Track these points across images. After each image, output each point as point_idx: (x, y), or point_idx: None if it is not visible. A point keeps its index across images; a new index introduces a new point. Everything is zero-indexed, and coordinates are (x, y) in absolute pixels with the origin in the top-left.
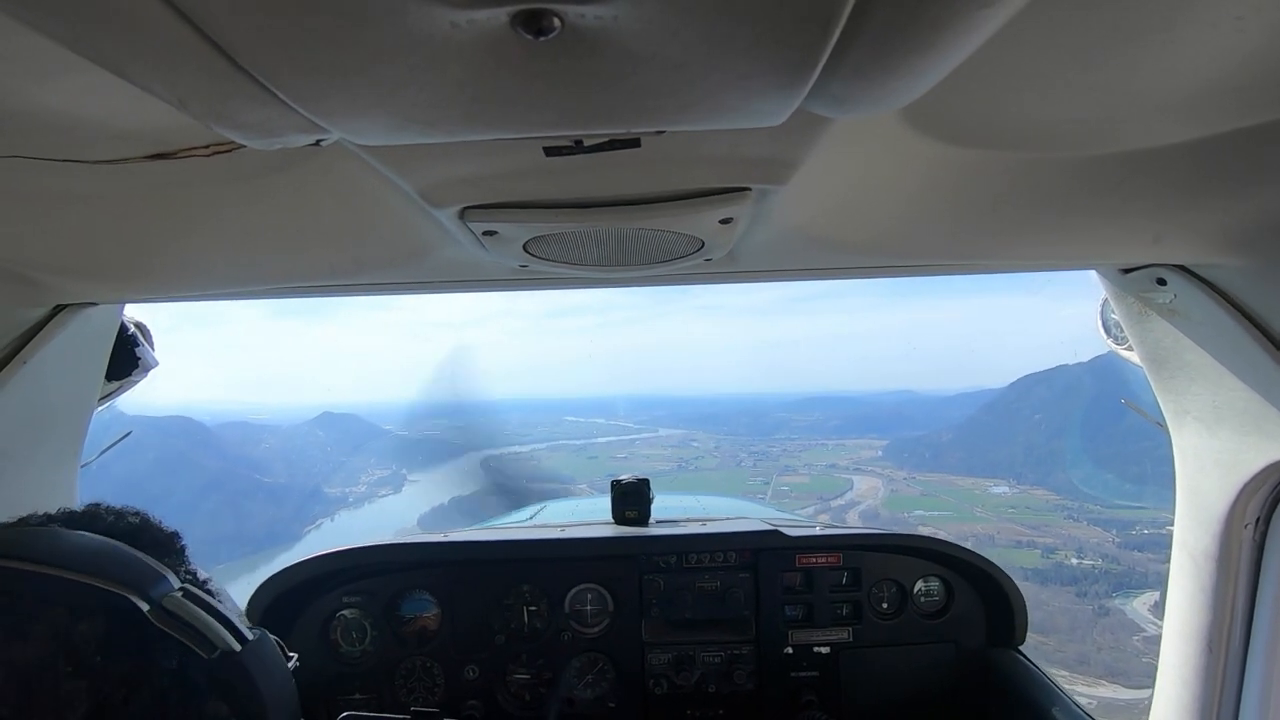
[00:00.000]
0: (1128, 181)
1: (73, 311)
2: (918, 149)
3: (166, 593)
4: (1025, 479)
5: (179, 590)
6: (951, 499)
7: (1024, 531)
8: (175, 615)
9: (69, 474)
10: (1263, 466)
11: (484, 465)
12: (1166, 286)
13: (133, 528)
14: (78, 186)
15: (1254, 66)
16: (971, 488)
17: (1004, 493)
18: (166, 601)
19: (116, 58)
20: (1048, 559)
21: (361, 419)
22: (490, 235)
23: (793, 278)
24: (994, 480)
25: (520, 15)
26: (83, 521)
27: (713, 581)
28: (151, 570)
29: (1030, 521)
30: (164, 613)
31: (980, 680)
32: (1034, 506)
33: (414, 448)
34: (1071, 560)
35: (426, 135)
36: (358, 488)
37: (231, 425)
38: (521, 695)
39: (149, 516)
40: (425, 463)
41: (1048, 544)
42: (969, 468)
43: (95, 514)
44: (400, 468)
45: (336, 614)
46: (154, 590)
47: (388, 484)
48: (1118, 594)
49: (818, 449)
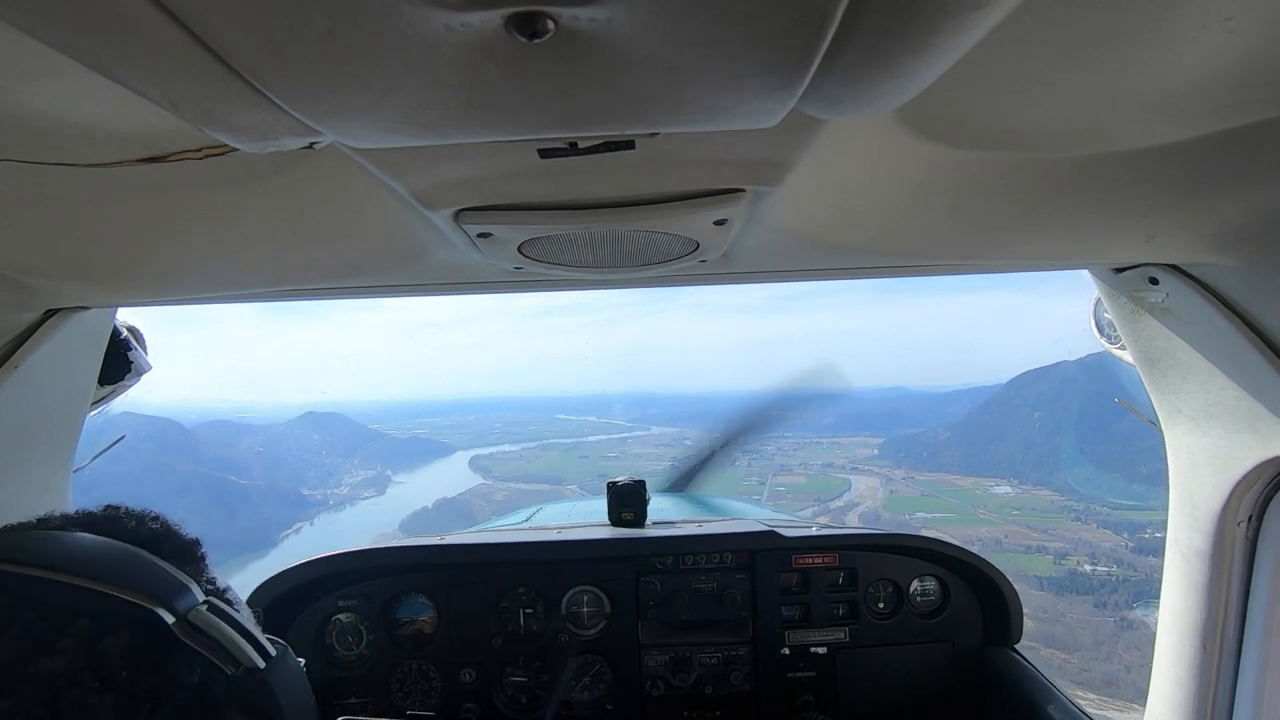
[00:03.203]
0: (1120, 181)
1: (65, 315)
2: (911, 150)
3: (192, 605)
4: (1028, 479)
5: (203, 603)
6: (953, 500)
7: (1032, 535)
8: (200, 630)
9: (62, 479)
10: (1255, 464)
11: (472, 465)
12: (1159, 286)
13: (155, 534)
14: (69, 190)
15: (1244, 66)
16: (972, 487)
17: (1006, 493)
18: (192, 615)
19: (108, 61)
20: (1060, 565)
21: (347, 418)
22: (485, 237)
23: (787, 278)
24: (995, 480)
25: (514, 18)
26: (104, 526)
27: (709, 583)
28: (176, 581)
29: (1037, 524)
30: (189, 626)
31: (976, 679)
32: (1039, 508)
33: (400, 448)
34: (1085, 567)
35: (420, 138)
36: (339, 490)
37: (210, 425)
38: (518, 698)
39: (169, 522)
40: (412, 463)
41: (1058, 549)
42: (968, 467)
43: (116, 518)
44: (385, 468)
45: (332, 618)
46: (179, 603)
47: (372, 485)
48: (1138, 604)
49: (813, 447)
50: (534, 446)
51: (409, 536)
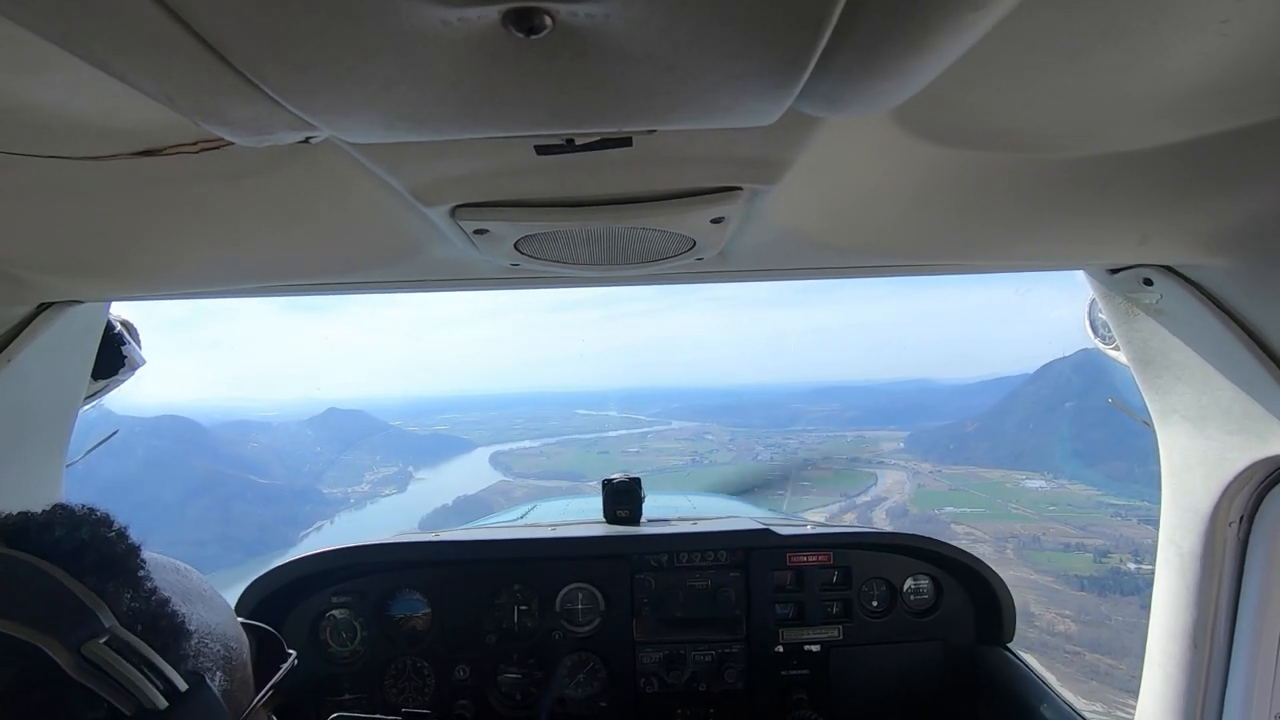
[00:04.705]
0: (1115, 183)
1: (58, 309)
2: (908, 149)
3: (91, 636)
4: (1061, 472)
5: (106, 634)
6: (983, 494)
7: (1070, 532)
8: (96, 665)
9: (54, 473)
10: (1247, 465)
11: (493, 461)
12: (1153, 287)
13: (78, 545)
14: (64, 183)
15: (1239, 68)
16: (1002, 480)
17: (1040, 487)
18: (87, 649)
19: (103, 54)
20: (1101, 564)
21: (369, 414)
22: (481, 234)
23: (784, 277)
24: (1027, 473)
25: (511, 13)
26: (32, 533)
27: (704, 580)
28: (78, 607)
29: (1074, 520)
30: (83, 662)
31: (969, 678)
32: (1075, 503)
33: (421, 444)
34: (1129, 565)
35: (417, 133)
36: (360, 486)
37: (230, 425)
38: (512, 695)
39: (106, 528)
40: (433, 459)
41: (1099, 546)
42: (997, 459)
43: (50, 523)
44: (407, 464)
45: (326, 614)
46: (75, 634)
47: (392, 482)
48: None
49: (836, 441)
50: (554, 442)
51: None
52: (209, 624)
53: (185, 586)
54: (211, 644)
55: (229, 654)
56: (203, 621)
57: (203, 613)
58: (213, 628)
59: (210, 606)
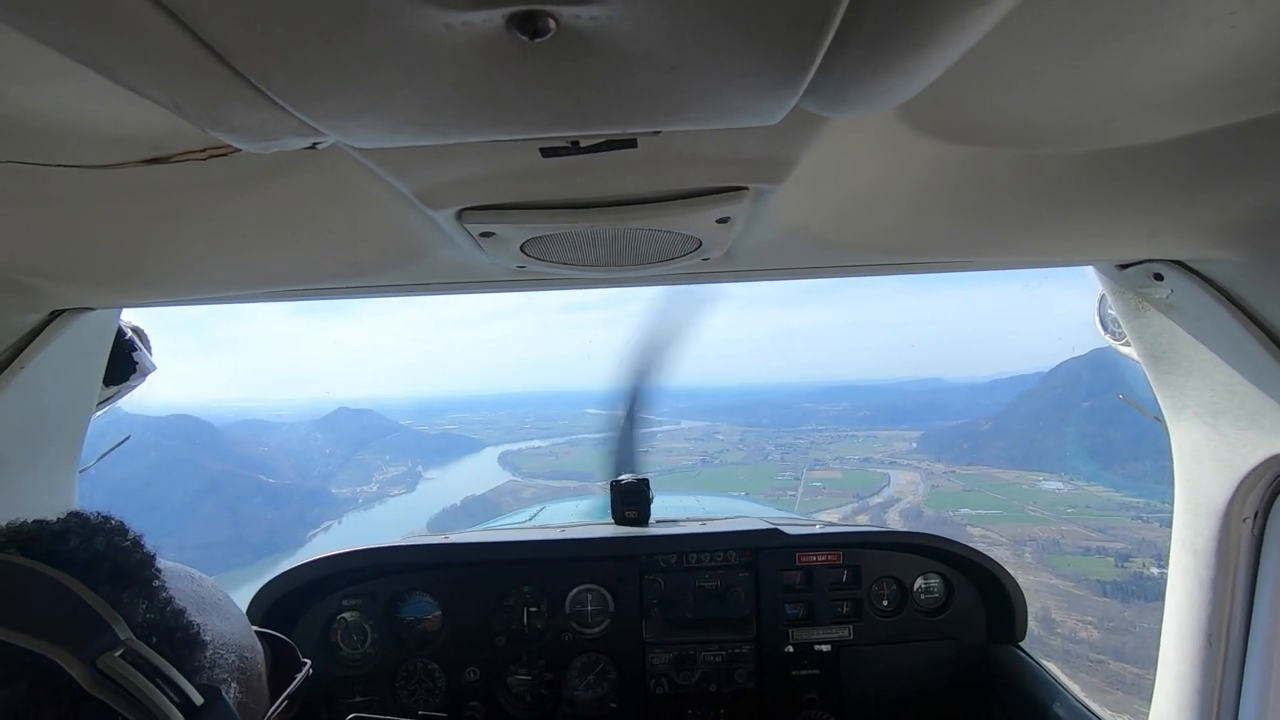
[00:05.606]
0: (1123, 177)
1: (69, 316)
2: (914, 147)
3: (107, 648)
4: (1079, 472)
5: (121, 647)
6: (998, 495)
7: (1089, 535)
8: (111, 679)
9: (67, 479)
10: (1260, 460)
11: (501, 461)
12: (1163, 282)
13: (93, 555)
14: (73, 192)
15: (1248, 61)
16: (1018, 481)
17: (1057, 489)
18: (102, 662)
19: (110, 62)
20: (1123, 568)
21: (378, 414)
22: (487, 237)
23: (791, 276)
24: (1043, 474)
25: (515, 17)
26: (46, 542)
27: (713, 581)
28: (94, 619)
29: (1094, 523)
30: (98, 676)
31: (981, 676)
32: (1094, 505)
33: (431, 443)
34: (1152, 570)
35: (422, 137)
36: (369, 487)
37: (241, 425)
38: (523, 696)
39: (121, 537)
40: (442, 459)
41: (1120, 550)
42: (1012, 460)
43: (65, 532)
44: (416, 464)
45: (337, 617)
46: (90, 647)
47: (401, 483)
48: None
49: (848, 441)
50: (563, 442)
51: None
52: (224, 634)
53: (200, 595)
54: (226, 655)
55: (244, 664)
56: (217, 632)
57: (217, 622)
58: (227, 638)
59: (224, 615)
